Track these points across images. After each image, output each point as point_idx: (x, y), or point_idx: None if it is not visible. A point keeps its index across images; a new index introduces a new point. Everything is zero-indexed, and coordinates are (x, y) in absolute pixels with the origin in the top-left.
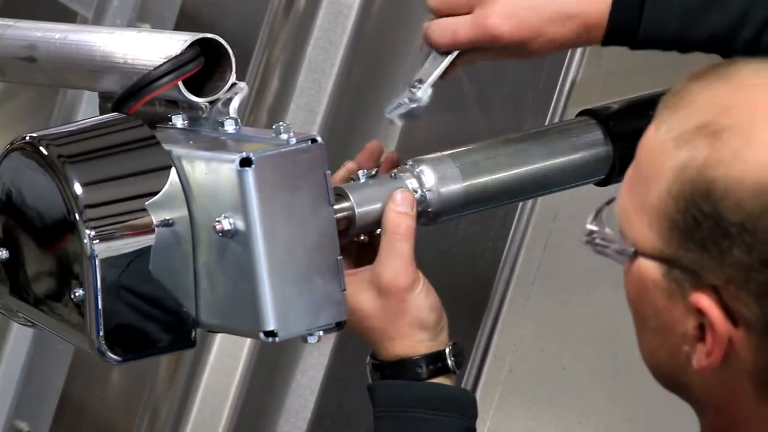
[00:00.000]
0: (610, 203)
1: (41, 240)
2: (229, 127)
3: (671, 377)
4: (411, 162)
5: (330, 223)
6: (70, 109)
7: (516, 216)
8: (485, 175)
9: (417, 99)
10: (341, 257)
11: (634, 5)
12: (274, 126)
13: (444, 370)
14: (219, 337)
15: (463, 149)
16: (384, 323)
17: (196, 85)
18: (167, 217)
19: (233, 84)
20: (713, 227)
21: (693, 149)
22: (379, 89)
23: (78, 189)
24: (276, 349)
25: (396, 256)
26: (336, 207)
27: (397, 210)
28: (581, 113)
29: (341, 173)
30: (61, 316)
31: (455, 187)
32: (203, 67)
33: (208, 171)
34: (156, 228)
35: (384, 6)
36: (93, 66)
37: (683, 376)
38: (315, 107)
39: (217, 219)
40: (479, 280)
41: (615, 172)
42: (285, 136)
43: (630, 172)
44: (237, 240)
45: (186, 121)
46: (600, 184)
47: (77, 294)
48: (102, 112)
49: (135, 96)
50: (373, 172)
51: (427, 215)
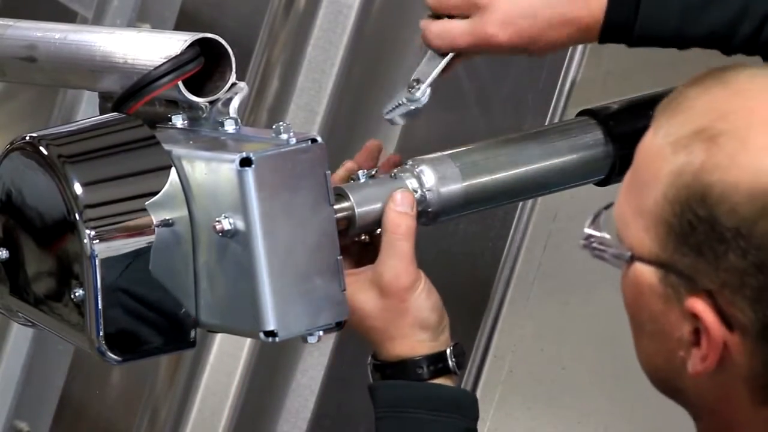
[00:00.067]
0: (608, 208)
1: (41, 240)
2: (229, 127)
3: (667, 382)
4: (411, 162)
5: (330, 223)
6: (70, 109)
7: (516, 216)
8: (485, 175)
9: (416, 99)
10: (341, 257)
11: (630, 1)
12: (274, 126)
13: (445, 370)
14: (219, 337)
15: (463, 149)
16: (385, 323)
17: (196, 85)
18: (167, 217)
19: (233, 84)
20: (708, 232)
21: (690, 154)
22: (379, 89)
23: (78, 189)
24: (276, 349)
25: (396, 255)
26: (336, 207)
27: (397, 210)
28: (581, 113)
29: (341, 173)
30: (61, 316)
31: (455, 187)
32: (203, 67)
33: (208, 171)
34: (156, 228)
35: (384, 6)
36: (93, 66)
37: (679, 380)
38: (315, 107)
39: (217, 219)
40: (479, 280)
41: (615, 172)
42: (285, 136)
43: (628, 176)
44: (237, 240)
45: (186, 121)
46: (600, 184)
47: (77, 294)
48: (102, 112)
49: (135, 96)
50: (373, 172)
51: (427, 215)
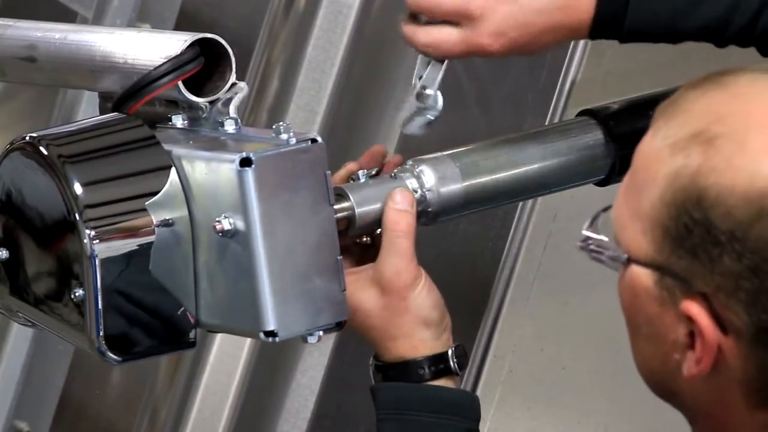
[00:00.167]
0: (606, 210)
1: (41, 240)
2: (229, 127)
3: (663, 385)
4: (411, 162)
5: (330, 223)
6: (70, 109)
7: (516, 216)
8: (485, 175)
9: (435, 107)
10: (341, 257)
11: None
12: (274, 126)
13: (446, 371)
14: (219, 337)
15: (463, 149)
16: (385, 322)
17: (196, 85)
18: (167, 217)
19: (233, 84)
20: (704, 235)
21: (687, 157)
22: (379, 89)
23: (78, 189)
24: (276, 349)
25: (396, 253)
26: (336, 207)
27: (397, 208)
28: (581, 113)
29: (342, 173)
30: (61, 316)
31: (455, 187)
32: (203, 67)
33: (208, 171)
34: (156, 228)
35: (384, 6)
36: (93, 66)
37: (674, 383)
38: (315, 107)
39: (217, 219)
40: (479, 280)
41: (615, 172)
42: (285, 136)
43: (626, 179)
44: (237, 240)
45: (186, 121)
46: (600, 184)
47: (77, 294)
48: (102, 112)
49: (135, 96)
50: (374, 172)
51: (427, 215)
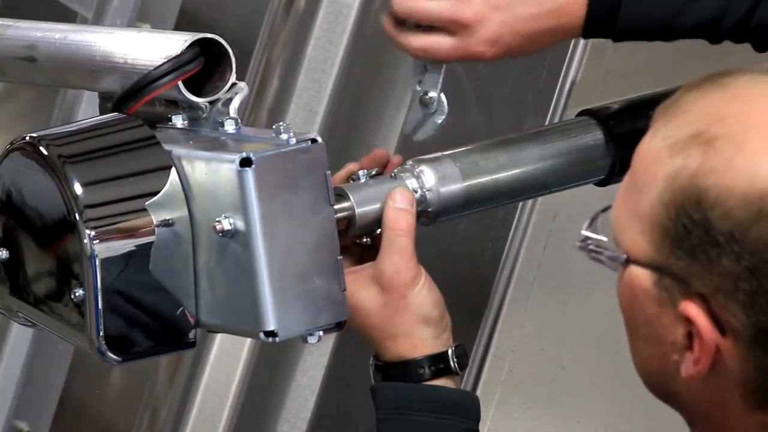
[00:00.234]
0: (605, 210)
1: (41, 240)
2: (229, 127)
3: (662, 386)
4: (411, 162)
5: (330, 223)
6: (70, 109)
7: (516, 216)
8: (485, 175)
9: (441, 110)
10: (341, 257)
11: None
12: (274, 126)
13: (447, 371)
14: (219, 337)
15: (463, 149)
16: (385, 321)
17: (196, 85)
18: (167, 217)
19: (233, 84)
20: (703, 236)
21: (686, 158)
22: (379, 89)
23: (78, 189)
24: (276, 349)
25: (396, 251)
26: (336, 207)
27: (397, 207)
28: (581, 113)
29: (342, 174)
30: (61, 316)
31: (455, 187)
32: (203, 67)
33: (208, 171)
34: (156, 228)
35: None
36: (93, 66)
37: (673, 384)
38: (315, 107)
39: (217, 219)
40: (479, 280)
41: (615, 172)
42: (285, 136)
43: (626, 179)
44: (237, 240)
45: (186, 121)
46: (600, 184)
47: (77, 294)
48: (102, 112)
49: (135, 96)
50: (374, 172)
51: (427, 215)
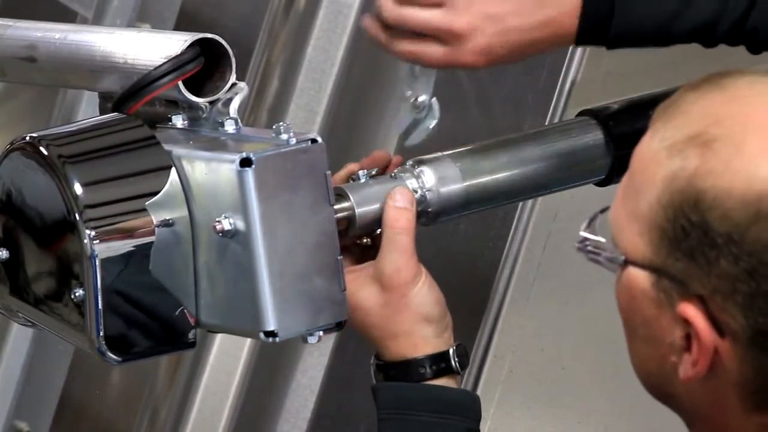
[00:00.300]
0: (604, 211)
1: (41, 240)
2: (229, 127)
3: (660, 387)
4: (411, 162)
5: (330, 223)
6: (70, 109)
7: (516, 216)
8: (485, 175)
9: (433, 115)
10: (341, 257)
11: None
12: (274, 126)
13: (448, 370)
14: (219, 337)
15: (463, 149)
16: (386, 320)
17: (196, 85)
18: (167, 217)
19: (233, 84)
20: (701, 237)
21: (685, 159)
22: (379, 89)
23: (78, 189)
24: (276, 349)
25: (397, 250)
26: (336, 207)
27: (397, 206)
28: (581, 113)
29: (342, 174)
30: (61, 316)
31: (455, 187)
32: (203, 67)
33: (208, 171)
34: (156, 228)
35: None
36: (93, 66)
37: (671, 386)
38: (315, 107)
39: (217, 219)
40: (479, 280)
41: (615, 172)
42: (285, 136)
43: (624, 180)
44: (237, 240)
45: (186, 121)
46: (600, 184)
47: (77, 294)
48: (102, 112)
49: (135, 96)
50: (374, 172)
51: (427, 215)
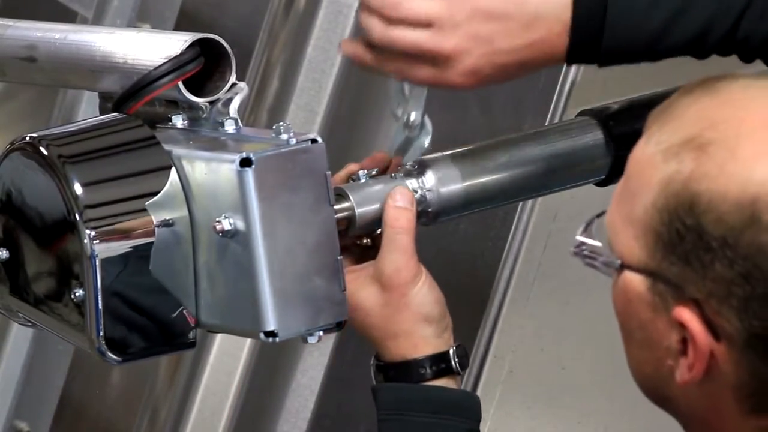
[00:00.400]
0: (600, 215)
1: (41, 240)
2: (229, 127)
3: (657, 391)
4: (411, 162)
5: (330, 223)
6: (70, 109)
7: (516, 216)
8: (485, 176)
9: (426, 132)
10: (341, 257)
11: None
12: (274, 126)
13: (448, 371)
14: (219, 337)
15: (463, 149)
16: (386, 320)
17: (196, 85)
18: (167, 217)
19: (233, 84)
20: (696, 241)
21: (680, 163)
22: (379, 89)
23: (78, 189)
24: (276, 349)
25: (396, 249)
26: (336, 207)
27: (397, 205)
28: (581, 113)
29: (342, 174)
30: (61, 316)
31: (455, 188)
32: (203, 67)
33: (208, 171)
34: (156, 228)
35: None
36: (93, 66)
37: (668, 389)
38: (315, 107)
39: (217, 219)
40: (479, 280)
41: (615, 172)
42: (285, 136)
43: (620, 184)
44: (237, 240)
45: (186, 121)
46: (600, 184)
47: (77, 294)
48: (102, 112)
49: (135, 96)
50: (374, 172)
51: (427, 215)
